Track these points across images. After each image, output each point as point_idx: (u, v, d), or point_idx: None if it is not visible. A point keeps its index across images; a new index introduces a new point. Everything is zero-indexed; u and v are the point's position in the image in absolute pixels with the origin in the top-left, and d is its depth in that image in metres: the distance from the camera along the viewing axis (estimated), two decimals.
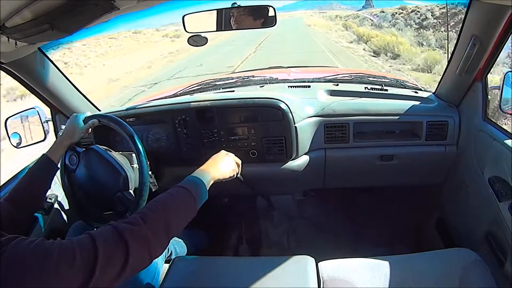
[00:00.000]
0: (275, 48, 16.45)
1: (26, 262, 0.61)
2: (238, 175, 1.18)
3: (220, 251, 2.11)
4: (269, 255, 1.99)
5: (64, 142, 1.27)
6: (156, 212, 0.78)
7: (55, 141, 1.28)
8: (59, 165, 1.26)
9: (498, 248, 1.33)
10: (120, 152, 1.41)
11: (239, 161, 1.17)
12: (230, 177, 1.10)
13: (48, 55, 1.49)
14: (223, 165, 1.07)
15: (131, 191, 1.31)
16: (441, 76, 1.65)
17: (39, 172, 1.18)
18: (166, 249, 1.51)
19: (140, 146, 1.26)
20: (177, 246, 1.68)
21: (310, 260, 1.30)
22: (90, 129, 1.32)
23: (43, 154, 1.21)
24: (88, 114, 1.33)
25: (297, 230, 2.20)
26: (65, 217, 1.62)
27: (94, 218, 1.35)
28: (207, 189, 0.95)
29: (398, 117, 1.62)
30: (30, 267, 0.61)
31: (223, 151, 1.13)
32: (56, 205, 1.54)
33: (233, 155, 1.16)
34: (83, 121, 1.30)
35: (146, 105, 1.68)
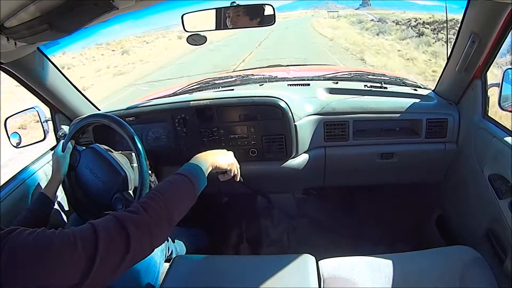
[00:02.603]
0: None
1: (27, 252, 0.62)
2: (238, 176, 1.18)
3: (220, 250, 2.11)
4: (270, 254, 1.99)
5: (56, 177, 1.33)
6: (156, 200, 0.78)
7: (50, 179, 1.35)
8: (54, 200, 1.31)
9: (498, 246, 1.33)
10: (120, 152, 1.41)
11: (237, 164, 1.17)
12: (228, 169, 1.10)
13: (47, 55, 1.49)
14: (221, 155, 1.07)
15: (131, 192, 1.31)
16: (440, 74, 1.65)
17: (38, 209, 1.24)
18: (167, 248, 1.52)
19: (139, 146, 1.26)
20: (178, 245, 1.68)
21: (310, 259, 1.30)
22: (70, 150, 1.37)
23: (40, 192, 1.28)
24: (62, 139, 1.39)
25: (298, 228, 2.20)
26: (65, 217, 1.62)
27: (93, 217, 1.35)
28: (206, 175, 0.95)
29: (397, 115, 1.62)
30: (31, 256, 0.61)
31: (224, 150, 1.13)
32: (56, 205, 1.54)
33: (231, 153, 1.15)
34: (62, 150, 1.36)
35: (145, 104, 1.68)
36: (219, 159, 1.05)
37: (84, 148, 1.39)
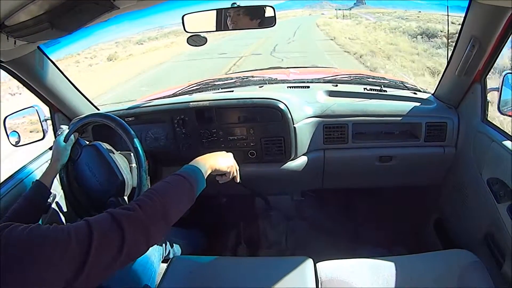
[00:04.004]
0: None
1: (22, 247, 0.62)
2: (238, 178, 1.17)
3: (218, 252, 2.10)
4: (268, 256, 1.99)
5: (53, 166, 1.31)
6: (153, 199, 0.79)
7: (47, 167, 1.32)
8: (51, 190, 1.29)
9: (496, 250, 1.33)
10: (119, 152, 1.41)
11: (237, 166, 1.17)
12: (227, 171, 1.09)
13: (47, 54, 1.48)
14: (221, 157, 1.07)
15: (126, 198, 1.31)
16: (440, 77, 1.65)
17: (33, 196, 1.22)
18: (164, 249, 1.52)
19: (138, 147, 1.26)
20: (175, 246, 1.68)
21: (308, 261, 1.30)
22: (72, 142, 1.35)
23: (37, 180, 1.25)
24: (66, 131, 1.36)
25: (296, 230, 2.20)
26: (63, 216, 1.61)
27: (87, 213, 1.35)
28: (205, 177, 0.95)
29: (397, 118, 1.62)
30: (26, 251, 0.62)
31: (223, 151, 1.13)
32: (54, 204, 1.54)
33: (231, 155, 1.15)
34: (64, 140, 1.34)
35: (145, 105, 1.68)
36: (219, 161, 1.05)
37: (88, 143, 1.38)
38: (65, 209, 1.62)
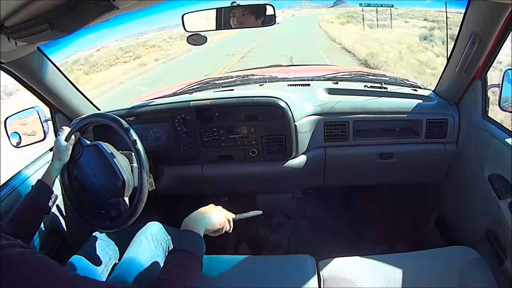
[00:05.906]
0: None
1: (19, 269, 0.67)
2: (230, 229, 1.18)
3: (220, 250, 2.09)
4: (269, 254, 1.99)
5: (55, 166, 1.31)
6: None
7: (48, 166, 1.32)
8: (54, 188, 1.29)
9: (498, 246, 1.33)
10: (120, 152, 1.41)
11: (230, 217, 1.19)
12: (219, 229, 1.12)
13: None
14: (212, 216, 1.09)
15: (126, 199, 1.31)
16: (440, 74, 1.65)
17: (36, 197, 1.23)
18: (167, 248, 1.52)
19: (140, 147, 1.26)
20: None
21: (310, 259, 1.30)
22: (73, 141, 1.35)
23: (39, 179, 1.26)
24: (67, 130, 1.36)
25: (297, 229, 2.20)
26: (64, 217, 1.61)
27: (89, 213, 1.35)
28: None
29: (397, 115, 1.62)
30: (22, 273, 0.67)
31: (211, 205, 1.14)
32: (55, 208, 1.54)
33: (220, 208, 1.16)
34: (65, 139, 1.33)
35: (145, 104, 1.68)
36: (212, 221, 1.07)
37: (89, 143, 1.39)
38: (65, 212, 1.62)
